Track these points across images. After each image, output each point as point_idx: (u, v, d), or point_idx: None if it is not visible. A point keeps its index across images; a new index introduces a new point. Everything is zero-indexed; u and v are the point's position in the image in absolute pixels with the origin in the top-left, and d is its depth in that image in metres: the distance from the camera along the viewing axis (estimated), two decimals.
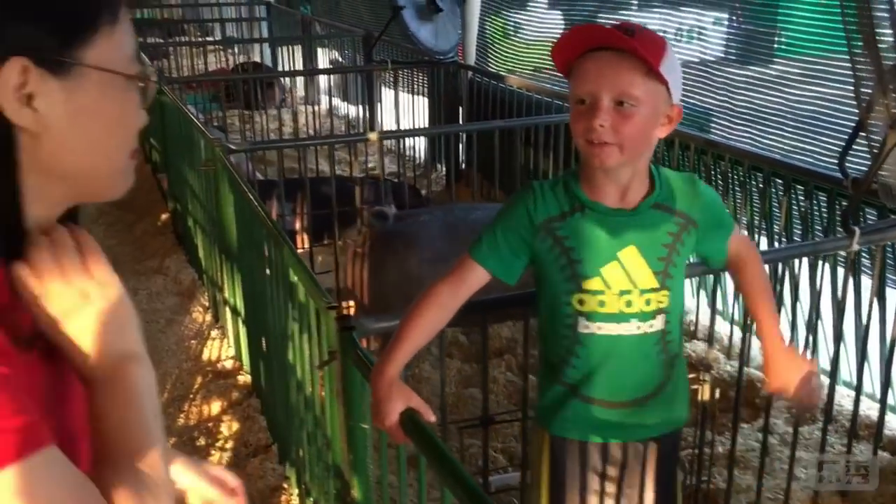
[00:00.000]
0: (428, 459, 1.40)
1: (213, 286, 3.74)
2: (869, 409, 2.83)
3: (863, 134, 2.43)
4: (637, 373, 1.56)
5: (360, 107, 6.64)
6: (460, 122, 5.30)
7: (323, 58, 8.17)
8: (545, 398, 1.62)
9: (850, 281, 2.45)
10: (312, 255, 3.88)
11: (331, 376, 1.91)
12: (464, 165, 5.43)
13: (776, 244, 3.19)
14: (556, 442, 1.62)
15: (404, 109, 5.80)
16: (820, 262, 2.70)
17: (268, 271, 2.46)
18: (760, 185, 3.19)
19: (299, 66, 7.74)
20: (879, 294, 2.58)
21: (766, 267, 2.96)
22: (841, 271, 2.78)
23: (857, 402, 2.49)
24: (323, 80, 7.85)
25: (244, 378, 3.27)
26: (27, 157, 0.75)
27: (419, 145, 5.95)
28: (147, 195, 5.65)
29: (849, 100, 3.38)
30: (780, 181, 3.11)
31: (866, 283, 2.78)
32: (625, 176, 1.49)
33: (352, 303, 3.62)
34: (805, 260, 2.87)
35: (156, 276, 4.39)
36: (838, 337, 2.48)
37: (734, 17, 4.34)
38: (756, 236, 3.29)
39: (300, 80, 8.06)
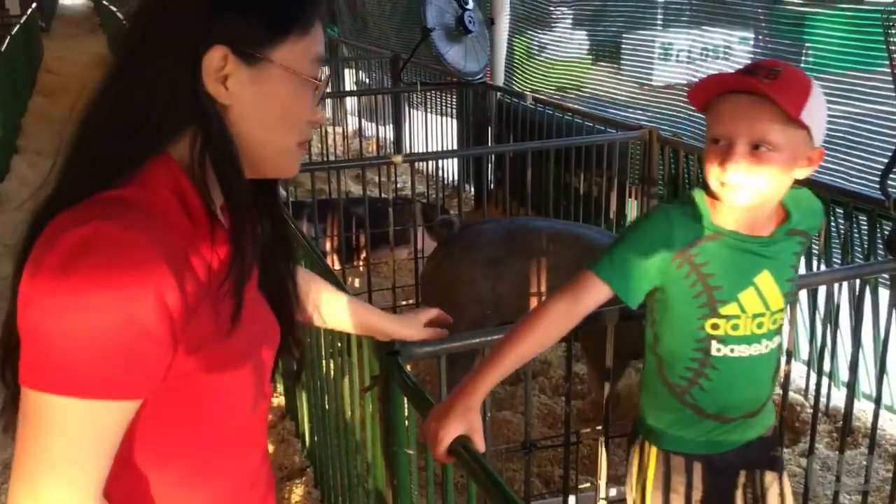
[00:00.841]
0: (479, 486, 1.38)
1: None
2: None
3: None
4: (758, 386, 1.60)
5: (389, 127, 6.67)
6: (489, 141, 5.31)
7: (350, 79, 8.23)
8: (662, 419, 1.63)
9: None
10: (345, 276, 3.89)
11: (373, 400, 1.90)
12: (493, 186, 5.43)
13: (815, 267, 3.15)
14: (665, 456, 1.64)
15: (433, 130, 5.82)
16: (857, 285, 2.66)
17: None
18: None
19: (327, 87, 7.78)
20: None
21: (805, 291, 2.94)
22: (881, 294, 2.74)
23: None
24: (350, 101, 7.91)
25: (278, 400, 3.27)
26: None
27: (449, 166, 5.96)
28: None
29: (882, 118, 3.35)
30: None
31: None
32: (757, 211, 1.49)
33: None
34: (845, 283, 2.83)
35: None
36: (882, 361, 2.43)
37: (760, 36, 4.32)
38: None
39: (328, 102, 8.12)
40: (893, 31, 2.38)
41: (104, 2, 14.21)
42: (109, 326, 0.82)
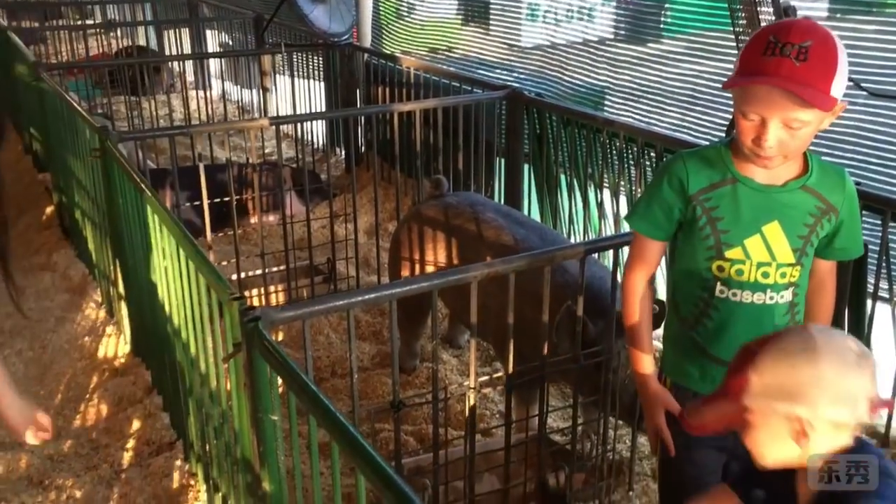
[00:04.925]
0: (340, 446, 1.38)
1: (106, 280, 3.59)
2: None
3: None
4: None
5: (254, 91, 6.48)
6: (358, 104, 5.24)
7: (212, 41, 7.92)
8: (674, 351, 1.76)
9: None
10: (211, 244, 3.77)
11: (237, 368, 1.86)
12: (363, 148, 5.38)
13: None
14: (676, 390, 1.76)
15: (300, 93, 5.70)
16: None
17: (166, 262, 2.38)
18: (654, 163, 3.29)
19: (187, 49, 7.46)
20: None
21: None
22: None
23: None
24: (214, 64, 7.62)
25: (144, 374, 3.16)
26: None
27: (318, 129, 5.86)
28: (28, 188, 5.37)
29: (726, 75, 3.53)
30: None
31: None
32: (782, 165, 1.58)
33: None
34: None
35: (43, 273, 4.18)
36: None
37: None
38: None
39: (189, 65, 7.80)
40: None
41: None
42: None
